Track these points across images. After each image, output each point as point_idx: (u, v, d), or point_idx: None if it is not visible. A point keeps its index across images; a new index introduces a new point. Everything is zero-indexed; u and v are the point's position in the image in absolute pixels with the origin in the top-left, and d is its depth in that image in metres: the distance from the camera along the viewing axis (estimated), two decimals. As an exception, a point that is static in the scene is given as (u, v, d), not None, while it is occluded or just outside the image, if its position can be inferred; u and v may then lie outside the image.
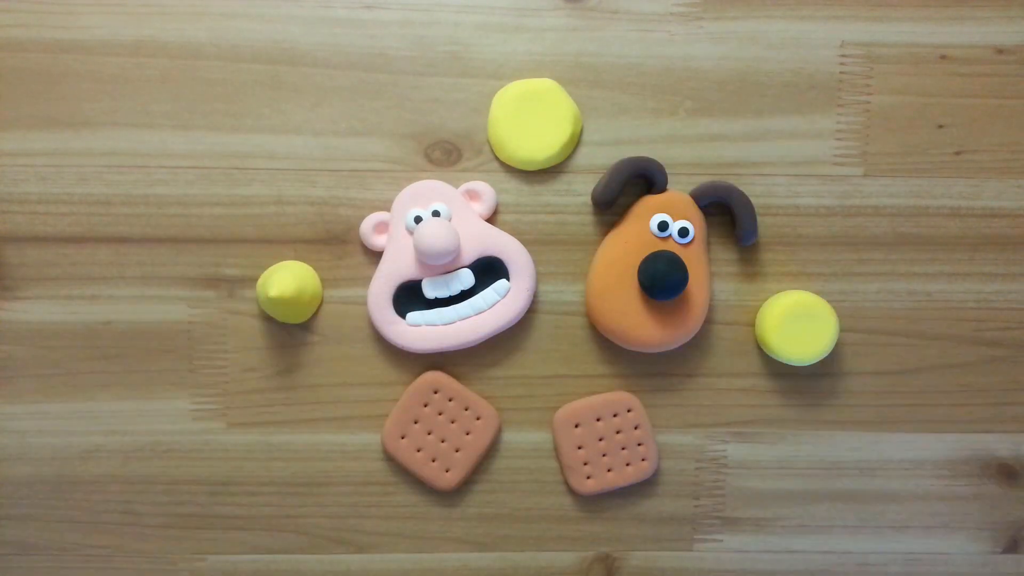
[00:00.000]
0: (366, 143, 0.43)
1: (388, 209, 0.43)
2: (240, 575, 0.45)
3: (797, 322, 0.42)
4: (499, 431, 0.45)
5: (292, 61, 0.43)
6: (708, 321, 0.44)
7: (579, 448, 0.44)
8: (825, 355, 0.43)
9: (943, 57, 0.44)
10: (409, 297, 0.43)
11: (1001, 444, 0.45)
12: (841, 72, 0.44)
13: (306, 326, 0.44)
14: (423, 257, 0.41)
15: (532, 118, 0.42)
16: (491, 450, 0.45)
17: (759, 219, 0.43)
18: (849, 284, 0.45)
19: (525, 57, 0.43)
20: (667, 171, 0.43)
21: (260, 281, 0.43)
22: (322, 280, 0.44)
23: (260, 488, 0.45)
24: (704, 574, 0.46)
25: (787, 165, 0.44)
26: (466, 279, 0.42)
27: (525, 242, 0.43)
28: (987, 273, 0.45)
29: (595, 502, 0.45)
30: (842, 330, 0.44)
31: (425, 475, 0.44)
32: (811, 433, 0.45)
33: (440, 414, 0.44)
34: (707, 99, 0.44)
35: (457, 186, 0.43)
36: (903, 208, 0.44)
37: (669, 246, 0.42)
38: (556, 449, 0.45)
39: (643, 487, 0.45)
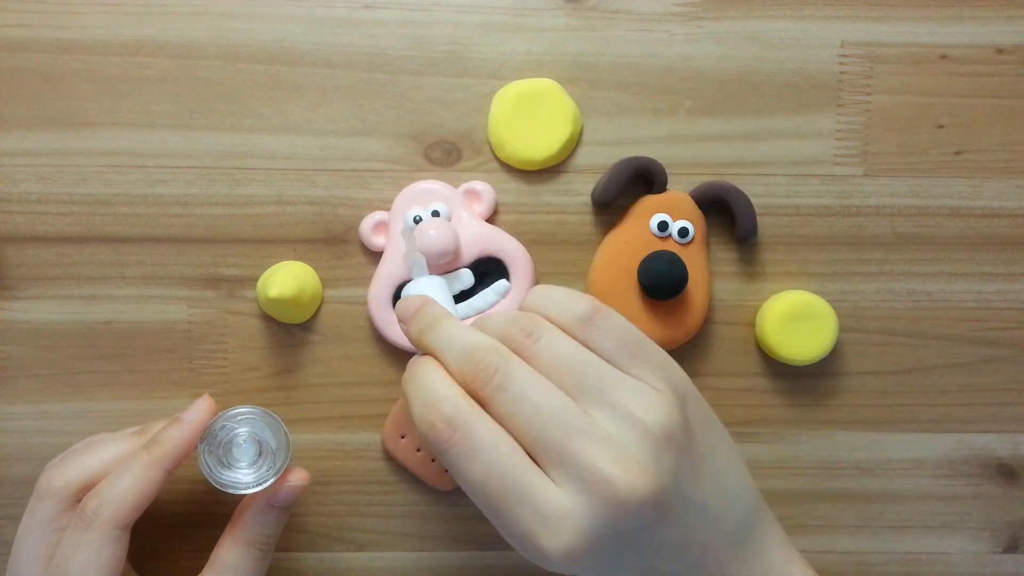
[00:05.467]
0: (366, 143, 0.43)
1: (388, 209, 0.43)
2: (240, 574, 0.45)
3: (797, 322, 0.42)
4: (499, 431, 0.45)
5: (292, 61, 0.43)
6: (708, 321, 0.44)
7: (579, 448, 0.44)
8: (825, 355, 0.43)
9: (943, 57, 0.44)
10: (409, 297, 0.43)
11: (1001, 444, 0.46)
12: (841, 72, 0.44)
13: (306, 326, 0.44)
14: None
15: (532, 118, 0.42)
16: (491, 450, 0.45)
17: (759, 219, 0.43)
18: (849, 284, 0.45)
19: (525, 57, 0.43)
20: (667, 171, 0.43)
21: (260, 281, 0.43)
22: (322, 280, 0.44)
23: (260, 488, 0.45)
24: (704, 573, 0.46)
25: (787, 165, 0.44)
26: (466, 279, 0.43)
27: (525, 242, 0.43)
28: (987, 273, 0.45)
29: (595, 502, 0.45)
30: (842, 330, 0.44)
31: (425, 474, 0.44)
32: (810, 433, 0.45)
33: (440, 414, 0.44)
34: (707, 99, 0.44)
35: (457, 186, 0.43)
36: (903, 208, 0.44)
37: (669, 246, 0.42)
38: (556, 449, 0.45)
39: (643, 487, 0.45)
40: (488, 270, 0.43)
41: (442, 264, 0.42)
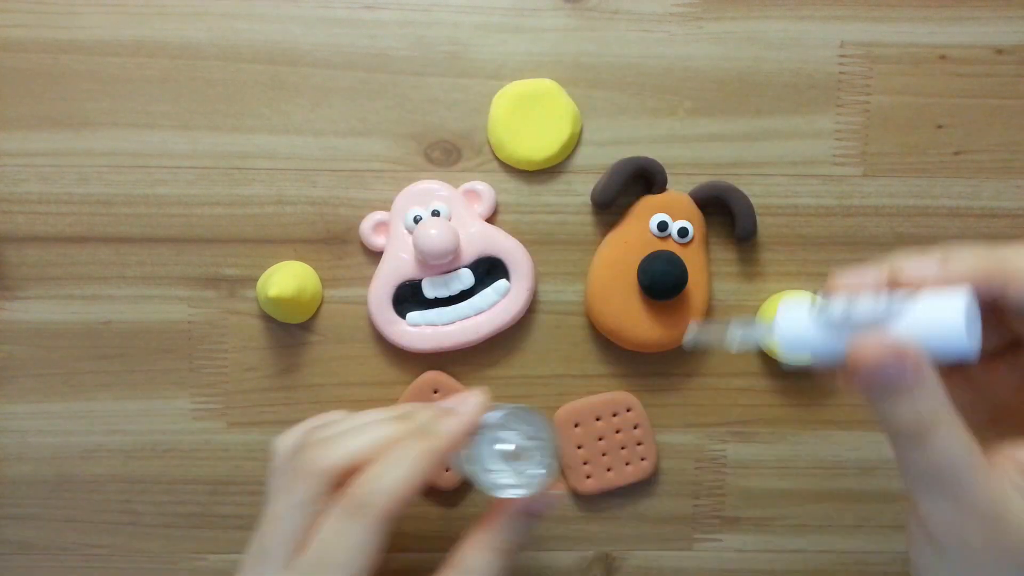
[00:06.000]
0: (366, 143, 0.43)
1: (388, 209, 0.43)
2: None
3: (796, 322, 0.42)
4: (499, 431, 0.45)
5: (292, 61, 0.43)
6: (708, 321, 0.44)
7: (579, 448, 0.44)
8: (824, 355, 0.43)
9: (942, 57, 0.44)
10: (409, 297, 0.43)
11: (1000, 444, 0.45)
12: (840, 72, 0.44)
13: (306, 326, 0.44)
14: (423, 257, 0.41)
15: (532, 118, 0.42)
16: (491, 450, 0.45)
17: (759, 219, 0.43)
18: (848, 284, 0.45)
19: (525, 57, 0.43)
20: (667, 171, 0.43)
21: (260, 281, 0.43)
22: (322, 280, 0.44)
23: (260, 488, 0.45)
24: (703, 573, 0.46)
25: (786, 165, 0.44)
26: (466, 279, 0.43)
27: (525, 242, 0.43)
28: (986, 273, 0.45)
29: (595, 502, 0.46)
30: (841, 330, 0.44)
31: (425, 475, 0.44)
32: (811, 433, 0.45)
33: (440, 414, 0.44)
34: (706, 99, 0.44)
35: (457, 186, 0.43)
36: (902, 208, 0.44)
37: (669, 246, 0.42)
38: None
39: (643, 487, 0.45)
40: (488, 270, 0.43)
41: (442, 264, 0.42)
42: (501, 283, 0.43)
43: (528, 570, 0.46)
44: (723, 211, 0.44)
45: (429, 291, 0.43)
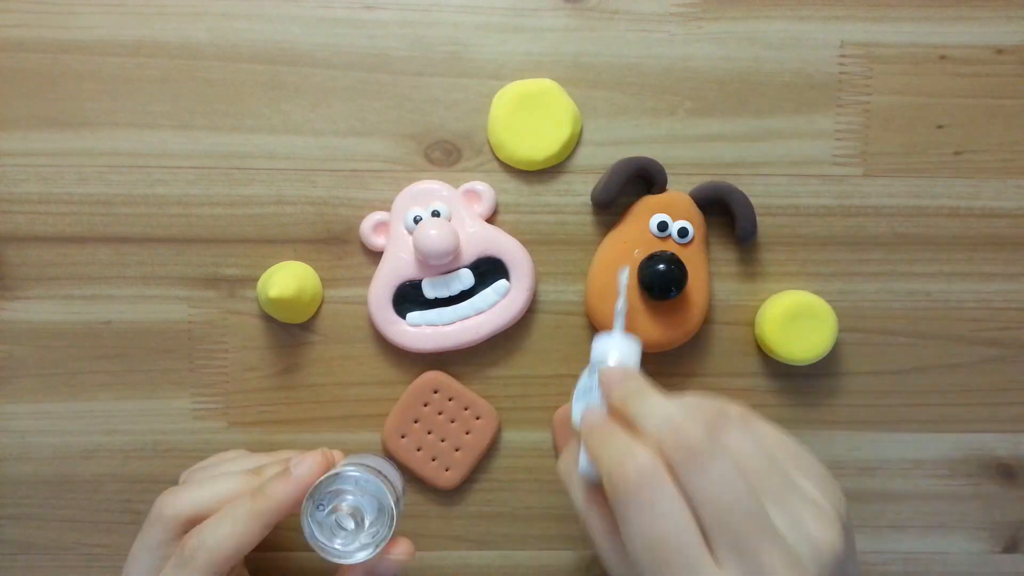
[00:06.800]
0: (366, 143, 0.43)
1: (388, 209, 0.43)
2: (240, 574, 0.45)
3: (796, 322, 0.42)
4: (499, 430, 0.45)
5: (292, 61, 0.43)
6: (708, 321, 0.44)
7: (579, 448, 0.44)
8: (824, 355, 0.43)
9: (943, 57, 0.44)
10: (409, 297, 0.43)
11: (1000, 444, 0.46)
12: (841, 72, 0.44)
13: (306, 326, 0.44)
14: (423, 257, 0.41)
15: (532, 118, 0.42)
16: (491, 449, 0.45)
17: (759, 219, 0.43)
18: (848, 284, 0.45)
19: (525, 57, 0.43)
20: (667, 171, 0.43)
21: (260, 281, 0.43)
22: (322, 280, 0.44)
23: (260, 487, 0.45)
24: (703, 573, 0.46)
25: (786, 165, 0.44)
26: (466, 279, 0.43)
27: (525, 242, 0.43)
28: (986, 273, 0.45)
29: (595, 501, 0.46)
30: (841, 330, 0.44)
31: (425, 474, 0.44)
32: (810, 433, 0.45)
33: (440, 414, 0.44)
34: (707, 99, 0.44)
35: (457, 186, 0.43)
36: (902, 208, 0.44)
37: (669, 246, 0.42)
38: (555, 448, 0.45)
39: (643, 486, 0.45)
40: (488, 270, 0.43)
41: (442, 264, 0.42)
42: (501, 283, 0.43)
43: (528, 568, 0.46)
44: (723, 211, 0.44)
45: (429, 291, 0.43)
